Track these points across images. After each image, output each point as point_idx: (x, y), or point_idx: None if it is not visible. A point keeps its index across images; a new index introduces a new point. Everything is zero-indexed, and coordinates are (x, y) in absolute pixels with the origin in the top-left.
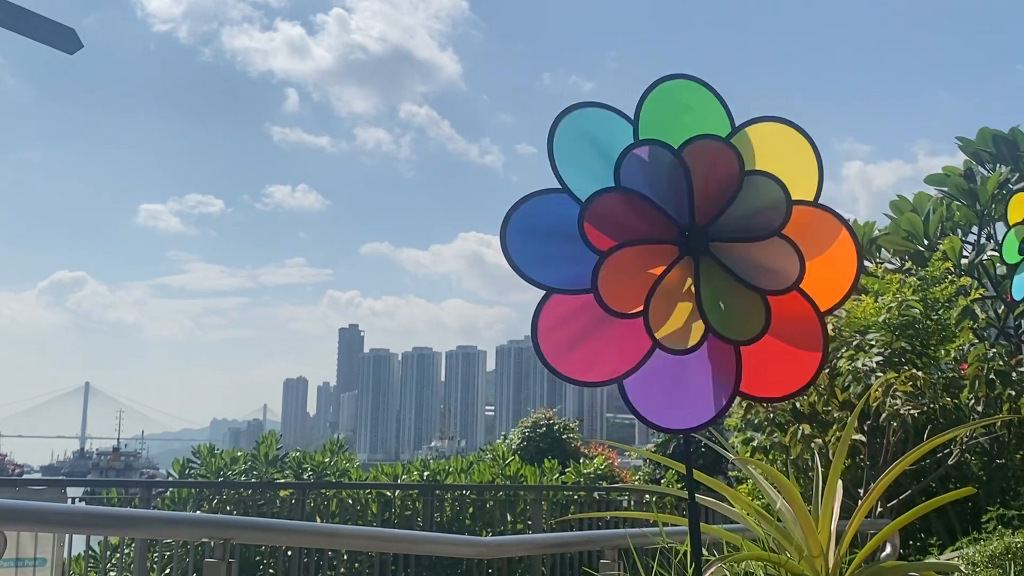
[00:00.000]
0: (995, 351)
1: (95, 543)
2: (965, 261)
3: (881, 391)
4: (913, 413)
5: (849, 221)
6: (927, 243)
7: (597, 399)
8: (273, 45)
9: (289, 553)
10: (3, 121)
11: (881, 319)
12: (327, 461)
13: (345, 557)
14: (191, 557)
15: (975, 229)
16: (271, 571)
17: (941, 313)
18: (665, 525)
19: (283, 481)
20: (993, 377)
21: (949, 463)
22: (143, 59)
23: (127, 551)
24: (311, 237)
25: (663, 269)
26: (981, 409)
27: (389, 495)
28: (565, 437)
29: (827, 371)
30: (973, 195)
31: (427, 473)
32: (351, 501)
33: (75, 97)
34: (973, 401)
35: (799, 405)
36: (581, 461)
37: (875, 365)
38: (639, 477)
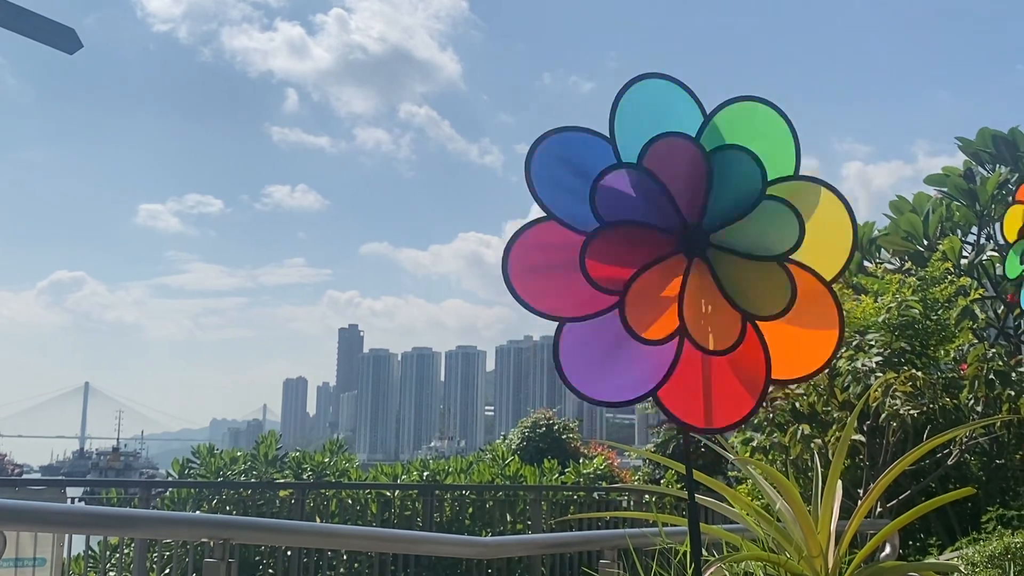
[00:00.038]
0: (995, 351)
1: (95, 543)
2: (965, 261)
3: (881, 391)
4: (913, 413)
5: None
6: (927, 243)
7: None
8: (273, 45)
9: (289, 553)
10: (3, 121)
11: (881, 319)
12: (327, 461)
13: (345, 557)
14: (191, 557)
15: (975, 229)
16: (271, 571)
17: (941, 313)
18: (665, 525)
19: (283, 481)
20: (992, 377)
21: (949, 463)
22: (143, 59)
23: (127, 551)
24: (310, 237)
25: (679, 281)
26: (980, 409)
27: (389, 495)
28: (565, 437)
29: (827, 371)
30: (973, 195)
31: (427, 473)
32: (351, 501)
33: (75, 97)
34: (973, 401)
35: (799, 405)
36: (581, 461)
37: (875, 365)
38: (639, 477)
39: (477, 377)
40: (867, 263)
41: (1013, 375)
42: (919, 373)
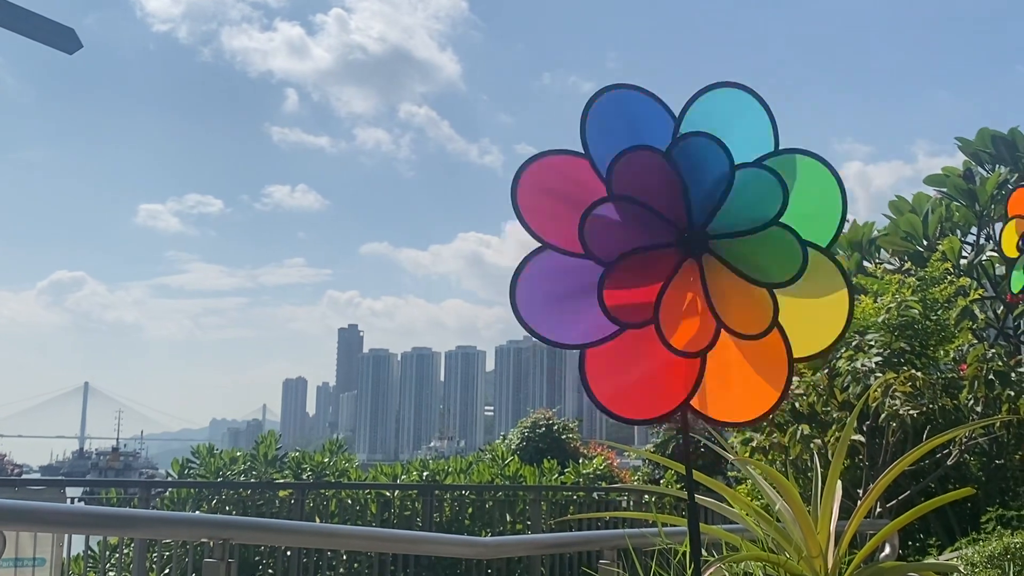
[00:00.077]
0: (994, 351)
1: (94, 543)
2: (964, 262)
3: (880, 391)
4: (912, 413)
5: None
6: (926, 243)
7: None
8: (272, 45)
9: (288, 553)
10: (3, 121)
11: (880, 319)
12: (326, 461)
13: (344, 557)
14: (190, 557)
15: (974, 230)
16: (270, 571)
17: (940, 313)
18: (664, 525)
19: (282, 481)
20: (992, 378)
21: (948, 464)
22: (143, 59)
23: (126, 551)
24: (310, 237)
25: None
26: (980, 410)
27: (388, 495)
28: (564, 437)
29: (826, 371)
30: (972, 196)
31: (426, 473)
32: (350, 501)
33: (75, 97)
34: (972, 402)
35: (798, 405)
36: (580, 461)
37: (874, 365)
38: (638, 477)
39: (477, 377)
40: (867, 263)
41: (1012, 375)
42: (919, 373)
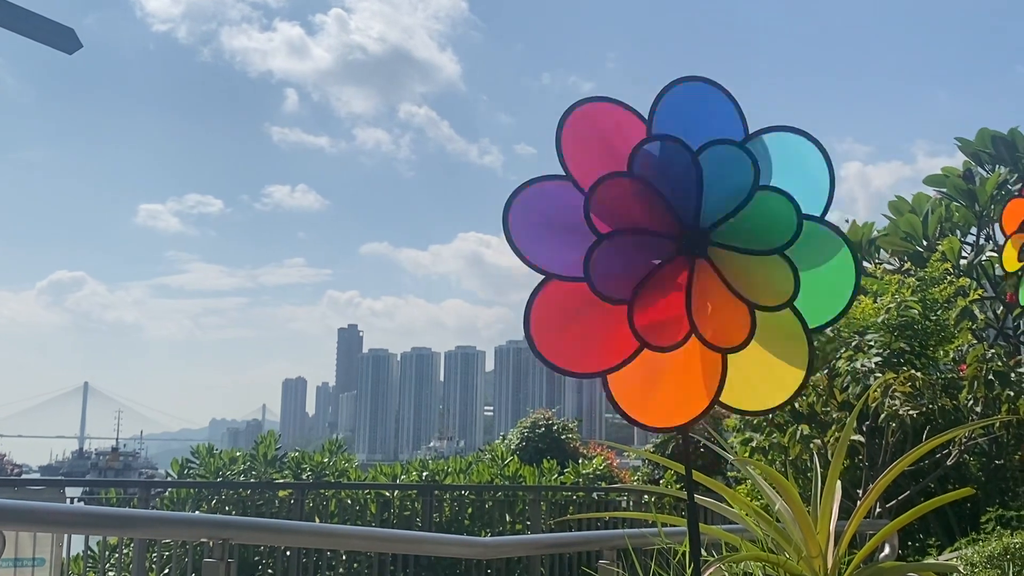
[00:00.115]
0: (994, 352)
1: (94, 543)
2: (964, 262)
3: (880, 392)
4: (912, 414)
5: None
6: (926, 244)
7: (596, 399)
8: (272, 45)
9: (288, 553)
10: (3, 121)
11: (880, 320)
12: (326, 461)
13: (344, 557)
14: (190, 557)
15: (974, 230)
16: (270, 571)
17: (940, 314)
18: (664, 525)
19: (282, 481)
20: (992, 378)
21: (948, 464)
22: (142, 59)
23: (126, 551)
24: (310, 237)
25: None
26: (980, 410)
27: (388, 495)
28: (564, 437)
29: (826, 372)
30: (972, 196)
31: (426, 473)
32: (350, 501)
33: (74, 97)
34: (972, 402)
35: (798, 406)
36: (580, 461)
37: (874, 366)
38: (638, 477)
39: (476, 377)
40: (866, 263)
41: (1012, 376)
42: (918, 374)
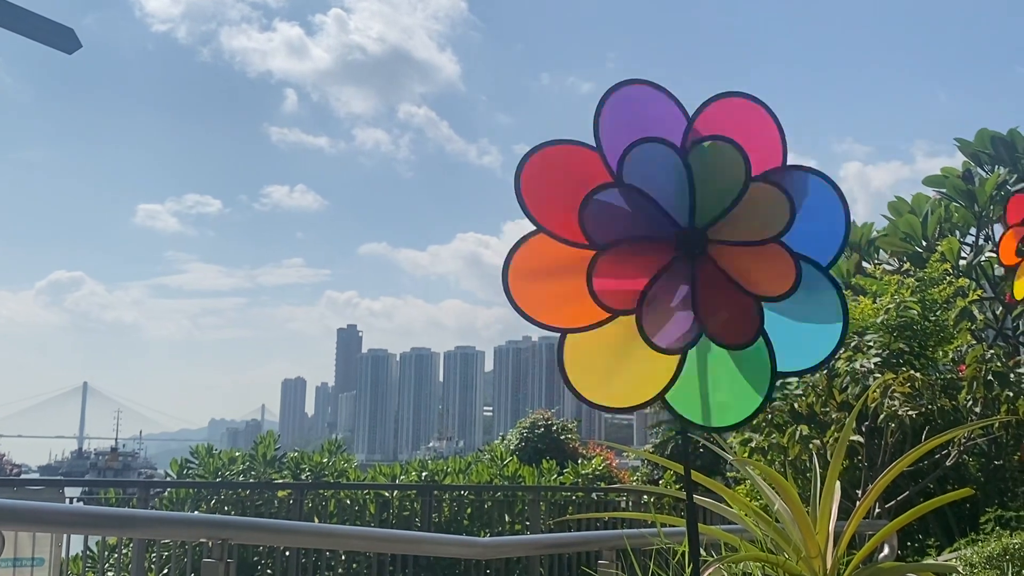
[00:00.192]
0: (993, 352)
1: (93, 543)
2: (963, 262)
3: (879, 392)
4: (911, 414)
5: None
6: (925, 244)
7: None
8: (271, 45)
9: (287, 553)
10: (2, 121)
11: (879, 320)
12: (325, 461)
13: (343, 557)
14: (189, 557)
15: (973, 231)
16: (269, 571)
17: (939, 314)
18: (663, 526)
19: (281, 481)
20: (991, 378)
21: (947, 464)
22: (142, 59)
23: (125, 551)
24: (309, 237)
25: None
26: (979, 410)
27: (387, 495)
28: (563, 438)
29: (825, 372)
30: (971, 196)
31: (425, 473)
32: (349, 501)
33: (74, 97)
34: (971, 402)
35: (797, 406)
36: (579, 462)
37: (873, 366)
38: (637, 478)
39: (476, 377)
40: (866, 264)
41: (1011, 376)
42: (917, 374)
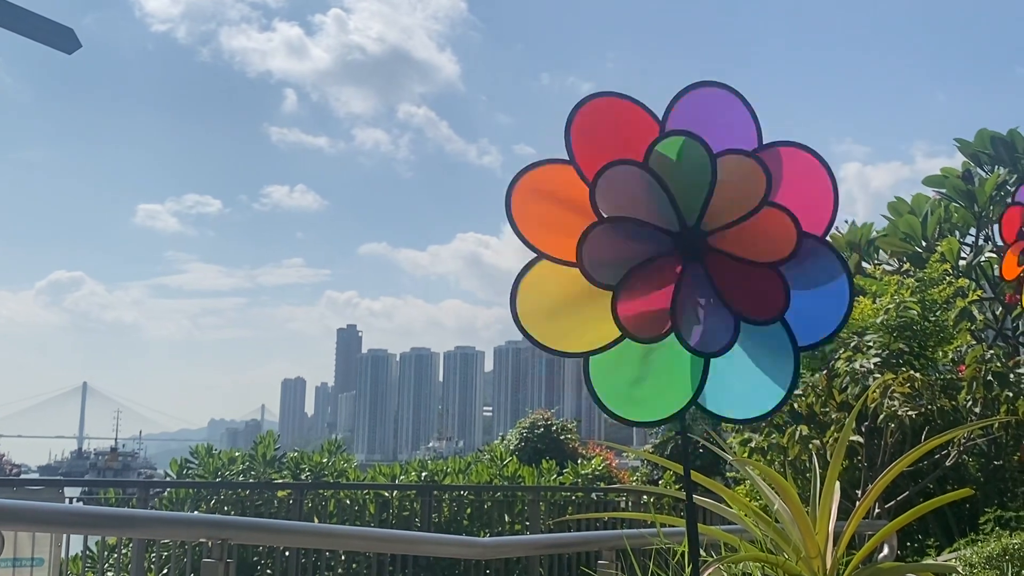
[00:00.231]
0: (993, 353)
1: (93, 543)
2: (963, 263)
3: (879, 392)
4: (911, 414)
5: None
6: (925, 245)
7: None
8: (271, 45)
9: (287, 553)
10: (1, 121)
11: (879, 320)
12: (325, 461)
13: (343, 557)
14: (189, 557)
15: (973, 231)
16: (268, 571)
17: (939, 315)
18: (663, 526)
19: (281, 481)
20: (991, 379)
21: (947, 464)
22: (141, 59)
23: (125, 551)
24: (309, 237)
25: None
26: (979, 411)
27: (387, 495)
28: (563, 438)
29: (825, 372)
30: (971, 197)
31: (425, 474)
32: (349, 501)
33: (73, 97)
34: (971, 403)
35: (797, 406)
36: (579, 462)
37: (873, 366)
38: (637, 478)
39: (475, 378)
40: (865, 264)
41: (1011, 376)
42: (917, 374)
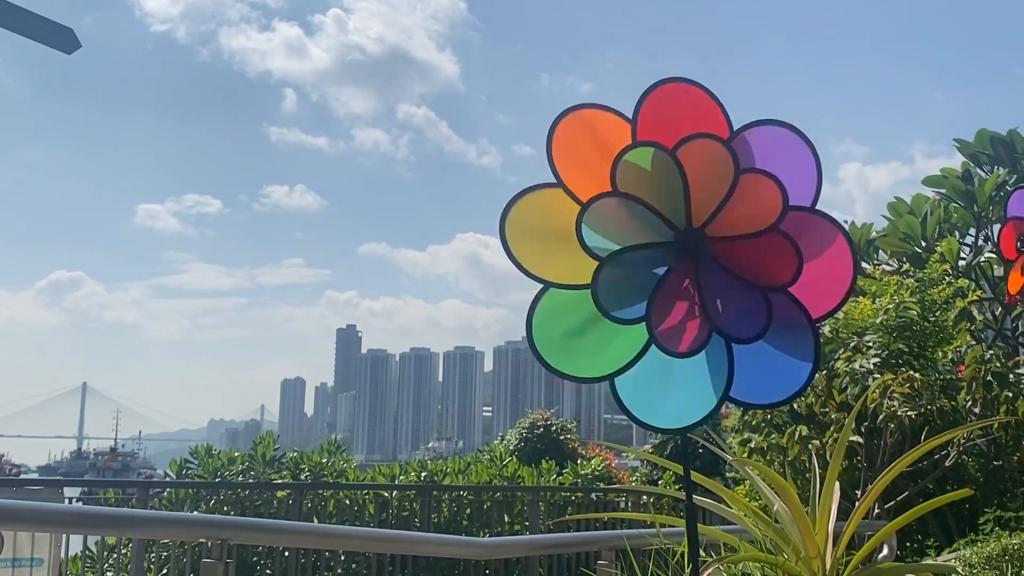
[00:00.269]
0: (992, 353)
1: (92, 543)
2: (963, 263)
3: (878, 393)
4: (910, 415)
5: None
6: (925, 245)
7: (595, 400)
8: (271, 45)
9: (286, 554)
10: (1, 121)
11: (879, 320)
12: (324, 462)
13: (342, 558)
14: (188, 557)
15: (973, 231)
16: (268, 571)
17: (939, 315)
18: (662, 526)
19: (280, 482)
20: (990, 379)
21: (946, 465)
22: (141, 59)
23: (124, 551)
24: (309, 237)
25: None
26: (978, 411)
27: (386, 496)
28: (562, 438)
29: (824, 372)
30: (971, 197)
31: (424, 474)
32: (348, 502)
33: (73, 97)
34: (970, 403)
35: (796, 406)
36: (579, 462)
37: (872, 367)
38: (636, 478)
39: (475, 378)
40: (865, 264)
41: (1011, 377)
42: (917, 375)
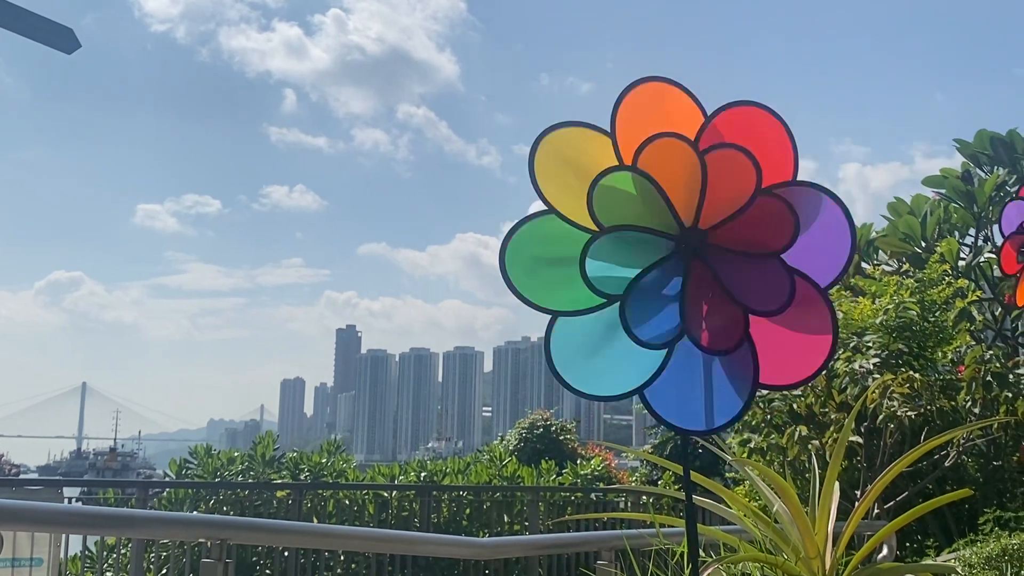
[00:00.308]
0: (992, 353)
1: (92, 543)
2: (962, 263)
3: (878, 393)
4: (910, 415)
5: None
6: (924, 245)
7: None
8: (270, 46)
9: (286, 554)
10: (1, 121)
11: (878, 321)
12: (324, 462)
13: (342, 558)
14: (188, 557)
15: (972, 231)
16: (268, 571)
17: (938, 315)
18: (662, 526)
19: (280, 482)
20: (990, 379)
21: (946, 465)
22: (141, 59)
23: (124, 551)
24: (308, 237)
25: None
26: (978, 411)
27: (386, 496)
28: (562, 438)
29: (824, 372)
30: (971, 197)
31: (424, 474)
32: (348, 502)
33: (73, 97)
34: (970, 403)
35: (796, 407)
36: (578, 462)
37: (872, 367)
38: (636, 478)
39: (475, 378)
40: (865, 265)
41: (1010, 377)
42: (916, 375)
